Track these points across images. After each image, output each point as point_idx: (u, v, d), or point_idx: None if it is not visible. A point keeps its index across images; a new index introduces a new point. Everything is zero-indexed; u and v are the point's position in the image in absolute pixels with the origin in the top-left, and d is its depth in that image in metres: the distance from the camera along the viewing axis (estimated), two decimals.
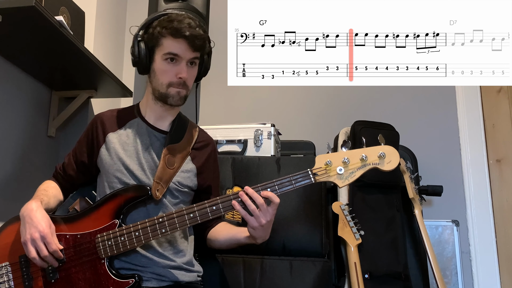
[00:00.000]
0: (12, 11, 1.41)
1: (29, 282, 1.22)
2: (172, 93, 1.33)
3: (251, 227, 1.23)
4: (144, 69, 1.37)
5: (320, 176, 1.23)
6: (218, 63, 2.26)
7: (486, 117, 2.14)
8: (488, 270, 1.96)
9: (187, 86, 1.35)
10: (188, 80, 1.35)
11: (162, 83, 1.33)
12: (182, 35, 1.29)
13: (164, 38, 1.31)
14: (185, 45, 1.30)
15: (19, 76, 1.84)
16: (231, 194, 1.23)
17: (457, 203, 2.05)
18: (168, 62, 1.32)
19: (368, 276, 1.56)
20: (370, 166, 1.23)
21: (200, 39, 1.31)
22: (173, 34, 1.29)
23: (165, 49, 1.31)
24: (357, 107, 2.24)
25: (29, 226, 1.19)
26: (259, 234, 1.25)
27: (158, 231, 1.22)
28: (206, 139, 1.49)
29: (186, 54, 1.31)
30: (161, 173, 1.31)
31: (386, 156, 1.22)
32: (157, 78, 1.34)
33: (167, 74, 1.32)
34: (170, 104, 1.35)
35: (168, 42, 1.31)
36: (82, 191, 1.46)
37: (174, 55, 1.31)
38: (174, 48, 1.30)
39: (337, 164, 1.23)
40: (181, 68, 1.32)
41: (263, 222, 1.21)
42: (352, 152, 1.23)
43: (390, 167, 1.22)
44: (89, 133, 1.41)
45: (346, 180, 1.22)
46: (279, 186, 1.23)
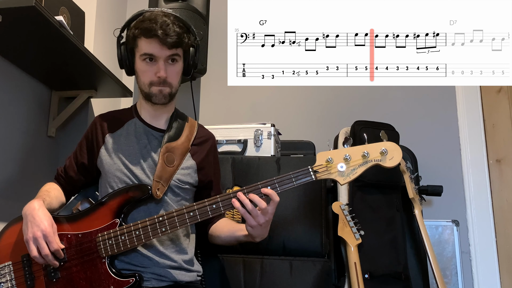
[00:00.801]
0: (12, 11, 1.41)
1: (31, 281, 1.23)
2: (154, 92, 1.34)
3: (250, 226, 1.23)
4: (129, 70, 1.39)
5: (321, 173, 1.22)
6: (218, 63, 2.27)
7: (486, 117, 2.14)
8: (488, 270, 1.96)
9: (170, 83, 1.35)
10: (170, 77, 1.34)
11: (144, 83, 1.35)
12: (153, 34, 1.28)
13: (139, 39, 1.32)
14: (158, 44, 1.30)
15: (19, 76, 1.84)
16: (231, 192, 1.23)
17: (457, 203, 2.05)
18: (147, 62, 1.33)
19: (368, 276, 1.56)
20: (372, 162, 1.20)
21: (173, 36, 1.30)
22: (145, 34, 1.30)
23: (141, 50, 1.32)
24: (357, 107, 2.24)
25: (31, 224, 1.19)
26: (257, 232, 1.25)
27: (158, 229, 1.22)
28: (205, 135, 1.49)
29: (161, 52, 1.31)
30: (161, 172, 1.31)
31: (388, 152, 1.20)
32: (139, 78, 1.36)
33: (147, 73, 1.34)
34: (155, 102, 1.36)
35: (142, 43, 1.32)
36: (86, 192, 1.47)
37: (150, 55, 1.31)
38: (148, 48, 1.31)
39: (338, 161, 1.21)
40: (159, 67, 1.32)
41: (261, 221, 1.21)
42: (353, 149, 1.22)
43: (392, 164, 1.20)
44: (89, 135, 1.42)
45: (347, 177, 1.20)
46: (279, 184, 1.22)
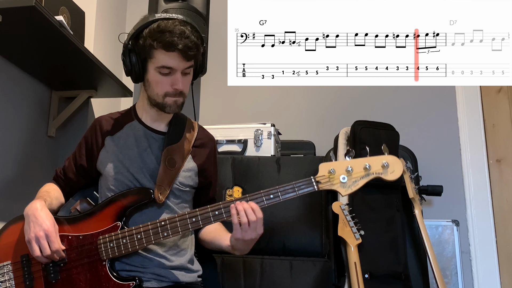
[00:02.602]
0: (12, 11, 1.41)
1: (30, 282, 1.22)
2: (169, 103, 1.31)
3: (234, 237, 1.21)
4: (137, 78, 1.34)
5: (323, 184, 1.23)
6: (218, 63, 2.27)
7: (486, 117, 2.14)
8: (488, 270, 1.97)
9: (184, 94, 1.33)
10: (185, 89, 1.33)
11: (158, 94, 1.31)
12: (175, 48, 1.23)
13: (156, 50, 1.25)
14: (179, 58, 1.26)
15: (19, 76, 1.84)
16: (233, 200, 1.22)
17: (457, 203, 2.05)
18: (162, 74, 1.28)
19: (368, 276, 1.55)
20: (374, 175, 1.23)
21: (193, 49, 1.26)
22: (166, 47, 1.23)
23: (158, 62, 1.26)
24: (357, 107, 2.24)
25: (34, 224, 1.19)
26: (239, 246, 1.24)
27: (160, 234, 1.22)
28: (206, 136, 1.48)
29: (180, 65, 1.27)
30: (163, 176, 1.31)
31: (389, 165, 1.22)
32: (152, 88, 1.31)
33: (162, 85, 1.29)
34: (168, 112, 1.34)
35: (160, 55, 1.25)
36: (84, 192, 1.46)
37: (168, 68, 1.27)
38: (168, 61, 1.26)
39: (340, 172, 1.23)
40: (176, 79, 1.28)
41: (247, 238, 1.19)
42: (355, 161, 1.23)
43: (393, 177, 1.22)
44: (88, 137, 1.41)
45: (349, 189, 1.22)
46: (282, 193, 1.22)
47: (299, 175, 1.70)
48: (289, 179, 1.70)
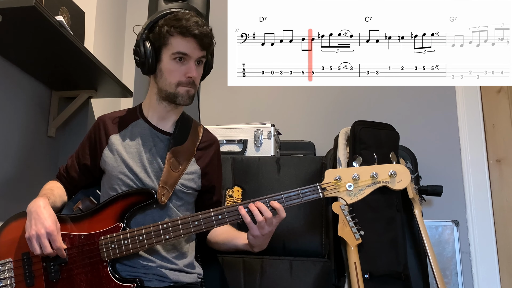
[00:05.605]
0: (12, 11, 1.41)
1: (30, 280, 1.22)
2: (181, 92, 1.32)
3: (252, 235, 1.23)
4: (150, 69, 1.34)
5: (329, 191, 1.21)
6: (218, 63, 2.26)
7: (486, 117, 2.14)
8: (488, 270, 1.97)
9: (195, 85, 1.34)
10: (196, 79, 1.34)
11: (170, 83, 1.32)
12: (191, 33, 1.27)
13: (172, 37, 1.29)
14: (194, 44, 1.29)
15: (19, 76, 1.84)
16: (237, 204, 1.22)
17: (457, 203, 2.05)
18: (177, 62, 1.30)
19: (368, 276, 1.55)
20: (380, 184, 1.21)
21: (208, 38, 1.31)
22: (182, 33, 1.28)
23: (173, 48, 1.29)
24: (357, 107, 2.24)
25: (35, 222, 1.19)
26: (258, 242, 1.25)
27: (162, 236, 1.21)
28: (210, 139, 1.48)
29: (195, 53, 1.30)
30: (166, 177, 1.30)
31: (397, 175, 1.20)
32: (164, 77, 1.32)
33: (175, 73, 1.31)
34: (179, 103, 1.34)
35: (176, 41, 1.29)
36: (86, 191, 1.46)
37: (183, 54, 1.29)
38: (184, 47, 1.29)
39: (346, 180, 1.21)
40: (190, 67, 1.31)
41: (265, 232, 1.21)
42: (362, 168, 1.22)
43: (400, 186, 1.21)
44: (92, 135, 1.40)
45: (355, 197, 1.21)
46: (286, 199, 1.22)
47: (299, 175, 1.71)
48: (289, 179, 1.72)
